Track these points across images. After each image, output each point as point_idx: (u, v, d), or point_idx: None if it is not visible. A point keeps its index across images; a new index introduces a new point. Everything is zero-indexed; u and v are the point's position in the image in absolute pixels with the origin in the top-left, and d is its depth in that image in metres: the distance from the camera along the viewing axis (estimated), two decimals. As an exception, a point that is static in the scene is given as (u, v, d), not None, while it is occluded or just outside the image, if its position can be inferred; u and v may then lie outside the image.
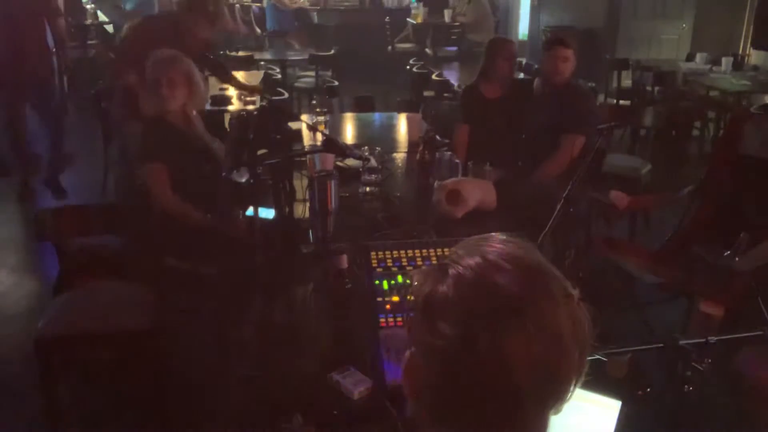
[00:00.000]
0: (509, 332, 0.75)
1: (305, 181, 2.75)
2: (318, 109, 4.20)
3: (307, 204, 2.59)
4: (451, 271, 0.80)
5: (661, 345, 1.47)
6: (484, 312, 0.76)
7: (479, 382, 0.76)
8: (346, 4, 11.06)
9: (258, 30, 9.97)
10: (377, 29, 9.68)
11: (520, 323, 0.75)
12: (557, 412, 0.81)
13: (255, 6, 10.17)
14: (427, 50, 8.96)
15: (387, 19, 9.70)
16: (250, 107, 4.66)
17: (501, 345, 0.75)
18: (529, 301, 0.76)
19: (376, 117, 5.02)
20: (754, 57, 7.40)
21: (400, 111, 4.84)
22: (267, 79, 6.28)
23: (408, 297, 0.84)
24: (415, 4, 10.16)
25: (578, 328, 0.79)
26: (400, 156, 3.62)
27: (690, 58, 7.02)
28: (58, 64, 5.18)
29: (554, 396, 0.79)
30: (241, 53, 7.58)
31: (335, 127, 4.24)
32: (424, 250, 1.99)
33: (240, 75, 5.30)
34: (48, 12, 4.92)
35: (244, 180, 2.69)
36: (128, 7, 7.31)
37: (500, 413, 0.78)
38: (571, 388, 0.80)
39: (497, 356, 0.75)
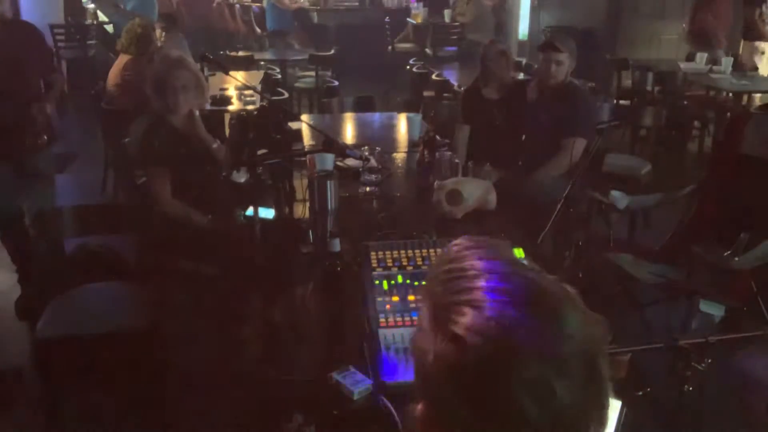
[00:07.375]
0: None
1: (305, 181, 2.75)
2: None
3: (307, 204, 2.59)
4: (461, 341, 0.72)
5: (661, 345, 1.47)
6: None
7: None
8: (346, 4, 11.08)
9: (258, 30, 9.98)
10: (377, 29, 9.67)
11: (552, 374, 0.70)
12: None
13: (255, 6, 10.18)
14: (427, 50, 8.95)
15: (387, 19, 9.70)
16: (250, 107, 4.67)
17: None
18: (543, 344, 0.71)
19: (376, 117, 5.01)
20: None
21: (400, 111, 4.84)
22: (267, 79, 6.29)
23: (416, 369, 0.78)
24: (415, 4, 10.15)
25: (589, 332, 0.74)
26: (400, 156, 3.62)
27: (690, 58, 7.01)
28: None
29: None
30: (241, 53, 7.60)
31: (335, 127, 4.24)
32: (424, 250, 2.00)
33: (240, 75, 5.30)
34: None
35: (243, 180, 2.69)
36: (129, 7, 7.31)
37: None
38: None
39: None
